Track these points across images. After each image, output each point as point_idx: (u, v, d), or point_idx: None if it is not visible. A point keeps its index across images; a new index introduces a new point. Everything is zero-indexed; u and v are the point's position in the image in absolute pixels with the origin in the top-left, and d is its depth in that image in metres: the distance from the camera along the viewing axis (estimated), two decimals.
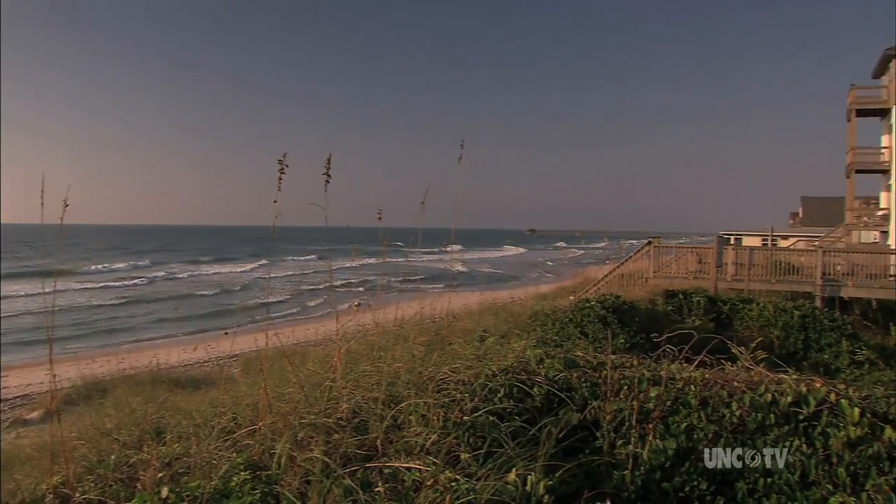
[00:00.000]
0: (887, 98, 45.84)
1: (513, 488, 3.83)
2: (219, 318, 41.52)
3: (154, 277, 79.76)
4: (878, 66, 48.31)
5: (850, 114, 47.73)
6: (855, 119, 47.63)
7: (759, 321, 18.59)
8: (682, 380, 5.45)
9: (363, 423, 4.62)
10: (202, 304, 51.58)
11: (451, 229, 6.06)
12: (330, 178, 4.86)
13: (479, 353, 6.06)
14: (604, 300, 14.80)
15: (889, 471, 4.66)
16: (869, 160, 47.54)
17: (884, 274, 28.68)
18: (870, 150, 48.25)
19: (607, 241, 75.92)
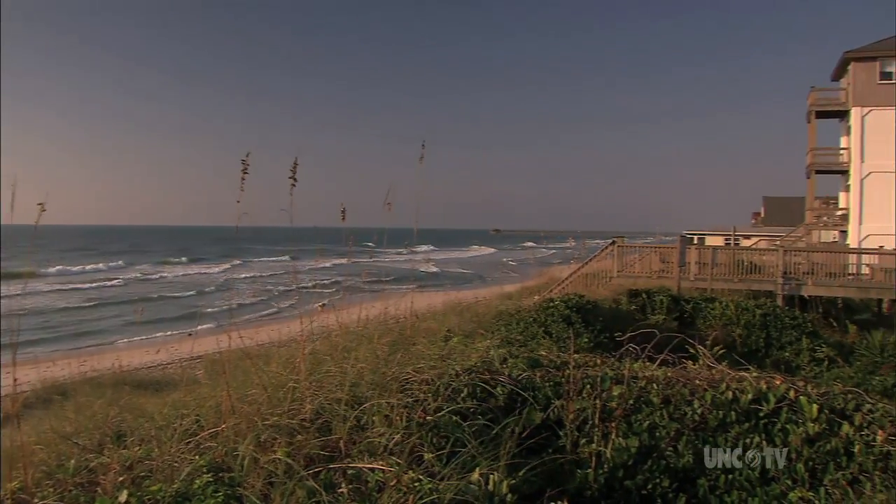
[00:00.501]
0: (846, 100, 46.64)
1: (476, 488, 3.84)
2: (188, 319, 41.12)
3: (129, 279, 79.05)
4: (837, 68, 49.17)
5: (809, 115, 48.53)
6: (815, 121, 48.50)
7: (722, 320, 18.81)
8: (645, 378, 5.50)
9: (327, 424, 4.60)
10: (174, 306, 51.02)
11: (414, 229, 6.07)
12: (296, 181, 4.85)
13: (443, 353, 6.06)
14: (568, 300, 14.86)
15: (846, 466, 4.75)
16: (828, 161, 48.33)
17: (843, 273, 29.15)
18: (829, 151, 49.05)
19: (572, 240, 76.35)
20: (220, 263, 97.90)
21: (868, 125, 45.32)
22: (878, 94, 45.22)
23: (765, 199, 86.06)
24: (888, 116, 44.73)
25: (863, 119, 45.32)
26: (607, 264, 28.01)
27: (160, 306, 52.50)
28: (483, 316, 14.53)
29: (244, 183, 4.77)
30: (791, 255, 29.40)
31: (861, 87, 45.58)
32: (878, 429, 4.88)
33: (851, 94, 45.88)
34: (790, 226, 57.73)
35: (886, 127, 44.68)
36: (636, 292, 20.85)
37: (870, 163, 45.09)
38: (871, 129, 45.26)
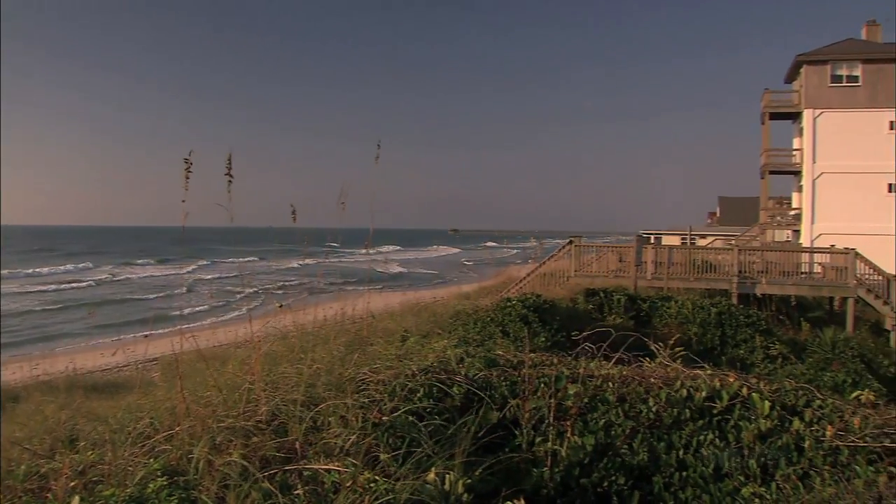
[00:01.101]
0: (798, 102, 47.47)
1: (431, 487, 3.84)
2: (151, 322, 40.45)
3: (101, 281, 78.08)
4: (790, 71, 50.03)
5: (764, 117, 49.31)
6: (768, 122, 49.32)
7: (678, 318, 18.98)
8: (601, 377, 5.55)
9: (283, 426, 4.57)
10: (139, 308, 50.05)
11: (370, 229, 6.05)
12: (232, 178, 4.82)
13: (400, 354, 6.06)
14: (525, 299, 14.89)
15: (797, 461, 4.82)
16: (782, 162, 49.14)
17: (796, 271, 29.61)
18: (783, 152, 49.88)
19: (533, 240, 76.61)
20: (186, 264, 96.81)
21: (820, 127, 46.15)
22: (829, 97, 46.09)
23: (720, 199, 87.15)
24: (839, 118, 45.63)
25: (815, 121, 46.14)
26: (565, 264, 28.14)
27: (125, 308, 51.74)
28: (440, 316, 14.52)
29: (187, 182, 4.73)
30: (746, 254, 29.83)
31: (813, 89, 46.40)
32: (828, 424, 4.97)
33: (804, 97, 46.70)
34: (745, 225, 58.51)
35: (837, 128, 45.58)
36: (593, 291, 20.96)
37: (821, 163, 45.91)
38: (822, 131, 46.11)
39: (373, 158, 6.06)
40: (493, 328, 13.24)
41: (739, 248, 30.13)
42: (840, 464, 4.72)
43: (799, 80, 48.25)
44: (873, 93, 45.61)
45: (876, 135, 45.52)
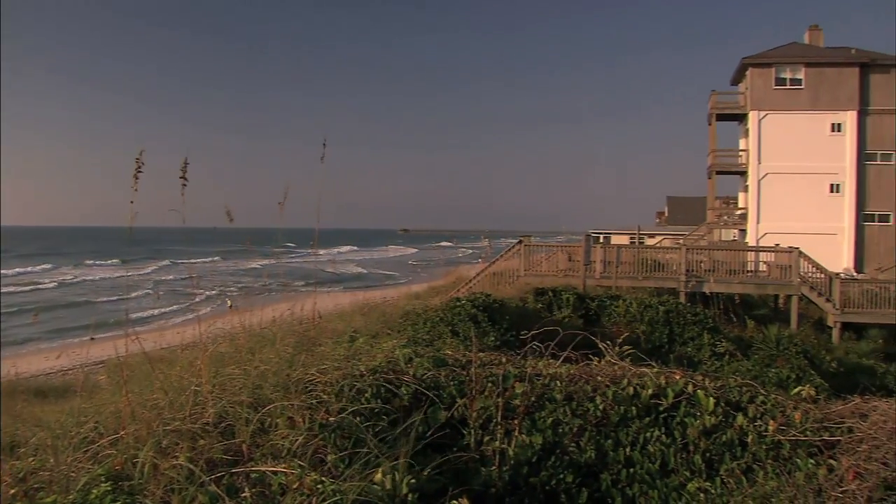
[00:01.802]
0: (744, 104, 48.42)
1: (378, 488, 3.83)
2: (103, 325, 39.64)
3: (63, 282, 76.74)
4: (736, 73, 50.99)
5: (710, 118, 50.17)
6: (715, 123, 50.17)
7: (626, 317, 19.15)
8: (548, 376, 5.58)
9: (230, 428, 4.53)
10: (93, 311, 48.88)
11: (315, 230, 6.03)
12: (186, 181, 4.77)
13: (349, 354, 6.04)
14: (474, 299, 14.91)
15: (741, 456, 4.90)
16: (728, 162, 50.04)
17: (742, 270, 30.10)
18: (729, 153, 50.82)
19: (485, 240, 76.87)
20: (146, 265, 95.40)
21: (765, 128, 47.08)
22: (773, 99, 47.05)
23: (668, 198, 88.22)
24: (783, 120, 46.56)
25: (760, 122, 47.07)
26: (514, 263, 28.27)
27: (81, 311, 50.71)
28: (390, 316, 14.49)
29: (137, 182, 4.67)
30: (693, 253, 30.28)
31: (758, 91, 47.34)
32: (770, 419, 5.05)
33: (749, 99, 47.65)
34: (693, 225, 59.34)
35: (782, 130, 46.51)
36: (542, 291, 21.06)
37: (766, 164, 46.81)
38: (767, 132, 47.05)
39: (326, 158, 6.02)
40: (443, 328, 13.24)
41: (687, 247, 30.58)
42: (782, 457, 4.80)
43: (744, 83, 49.24)
44: (816, 95, 46.65)
45: (819, 136, 46.58)
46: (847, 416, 5.04)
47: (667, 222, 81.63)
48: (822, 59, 47.53)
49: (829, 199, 46.74)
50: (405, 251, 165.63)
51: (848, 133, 46.48)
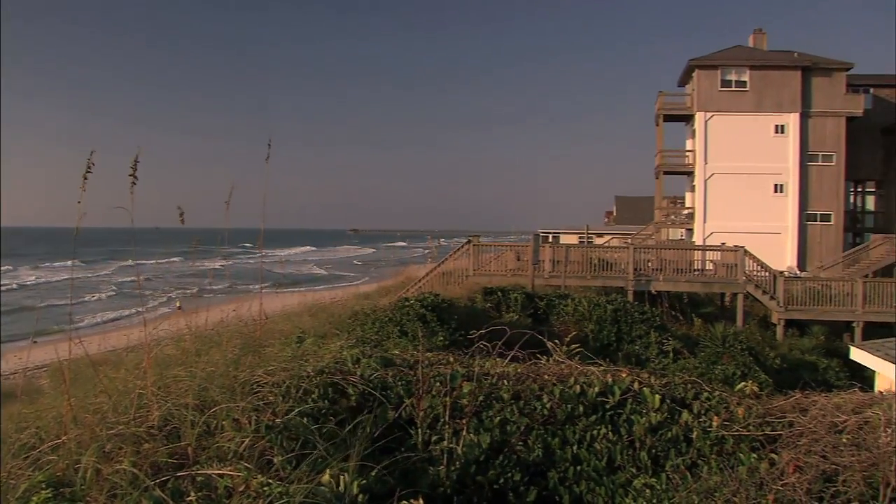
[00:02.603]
0: (691, 105, 49.09)
1: (326, 490, 3.81)
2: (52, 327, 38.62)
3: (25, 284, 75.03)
4: (683, 75, 51.68)
5: (658, 118, 50.78)
6: (662, 124, 50.78)
7: (575, 316, 19.23)
8: (496, 375, 5.60)
9: (175, 431, 4.47)
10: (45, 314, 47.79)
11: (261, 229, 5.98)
12: (136, 180, 4.70)
13: (296, 355, 6.00)
14: (423, 299, 14.87)
15: (686, 451, 4.97)
16: (675, 162, 50.69)
17: (689, 269, 30.49)
18: (676, 153, 51.48)
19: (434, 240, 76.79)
20: (108, 265, 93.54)
21: (711, 129, 47.78)
22: (719, 100, 47.78)
23: (617, 198, 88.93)
24: (729, 121, 47.33)
25: (706, 123, 47.74)
26: (463, 263, 28.29)
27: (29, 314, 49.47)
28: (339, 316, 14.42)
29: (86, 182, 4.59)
30: (641, 252, 30.59)
31: (704, 93, 48.02)
32: (714, 415, 5.13)
33: (696, 100, 48.30)
34: (641, 224, 59.91)
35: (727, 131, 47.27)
36: (491, 290, 21.07)
37: (713, 164, 47.49)
38: (713, 133, 47.75)
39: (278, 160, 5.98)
40: (391, 328, 13.21)
41: (635, 246, 30.90)
42: (726, 452, 4.89)
43: (691, 84, 49.90)
44: (760, 97, 47.48)
45: (763, 137, 47.41)
46: (788, 410, 5.14)
47: (615, 222, 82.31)
48: (766, 62, 48.36)
49: (773, 199, 47.57)
50: (361, 251, 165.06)
51: (791, 134, 47.36)
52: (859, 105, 47.85)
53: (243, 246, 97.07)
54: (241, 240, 13.64)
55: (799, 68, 47.57)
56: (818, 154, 47.73)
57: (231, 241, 6.54)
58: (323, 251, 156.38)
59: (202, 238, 6.00)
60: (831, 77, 47.73)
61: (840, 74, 47.96)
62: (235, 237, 6.58)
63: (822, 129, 47.53)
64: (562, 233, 59.51)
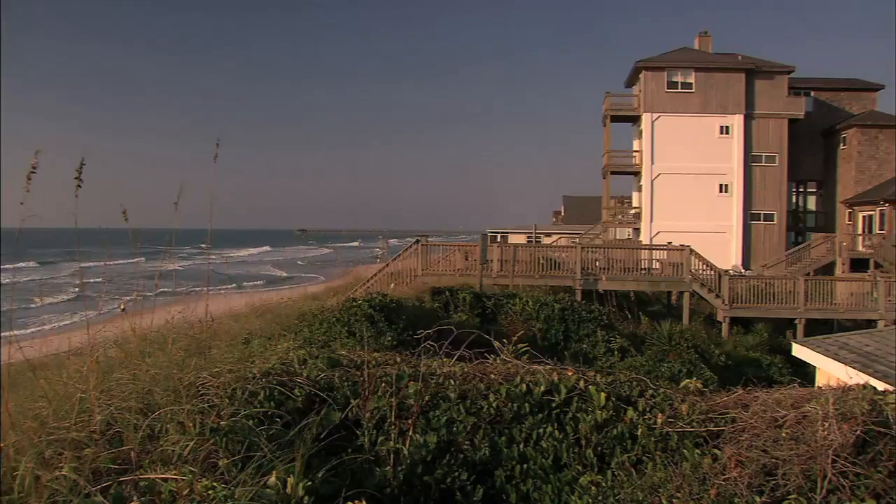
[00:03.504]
0: (638, 106, 49.70)
1: (272, 492, 3.78)
2: None
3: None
4: (630, 76, 52.32)
5: (605, 119, 51.33)
6: (610, 124, 51.32)
7: (523, 315, 19.31)
8: (443, 375, 5.60)
9: (118, 435, 4.39)
10: None
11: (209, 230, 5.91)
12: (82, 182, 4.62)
13: (243, 357, 5.95)
14: (371, 299, 14.81)
15: (631, 448, 5.02)
16: (622, 162, 51.29)
17: (636, 268, 30.85)
18: (623, 154, 52.10)
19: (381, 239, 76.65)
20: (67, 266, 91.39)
21: (657, 130, 48.43)
22: (665, 101, 48.46)
23: (565, 198, 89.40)
24: (675, 122, 48.01)
25: (652, 124, 48.38)
26: (412, 263, 28.25)
27: None
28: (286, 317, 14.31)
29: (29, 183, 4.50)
30: (589, 251, 30.85)
31: (651, 94, 48.65)
32: (659, 412, 5.18)
33: (642, 101, 48.93)
34: (589, 224, 60.46)
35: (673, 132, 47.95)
36: (439, 290, 21.05)
37: (659, 165, 48.13)
38: (659, 134, 48.41)
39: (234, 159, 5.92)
40: (339, 328, 13.15)
41: (583, 246, 31.14)
42: (670, 449, 4.94)
43: (638, 85, 50.52)
44: (706, 99, 48.26)
45: (708, 138, 48.19)
46: (731, 406, 5.21)
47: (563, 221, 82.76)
48: (712, 64, 49.14)
49: (718, 199, 48.36)
50: (318, 251, 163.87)
51: (735, 135, 48.19)
52: (801, 107, 48.95)
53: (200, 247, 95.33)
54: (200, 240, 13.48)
55: (743, 71, 48.47)
56: (762, 155, 48.68)
57: (191, 242, 6.46)
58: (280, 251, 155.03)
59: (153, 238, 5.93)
60: (774, 80, 48.74)
61: (782, 77, 49.00)
62: (194, 237, 6.50)
63: (765, 130, 48.51)
64: (510, 232, 59.71)
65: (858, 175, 48.97)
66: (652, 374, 14.29)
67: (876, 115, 50.58)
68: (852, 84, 53.78)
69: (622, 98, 51.86)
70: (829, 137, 51.75)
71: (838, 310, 30.26)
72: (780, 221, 49.31)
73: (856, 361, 12.97)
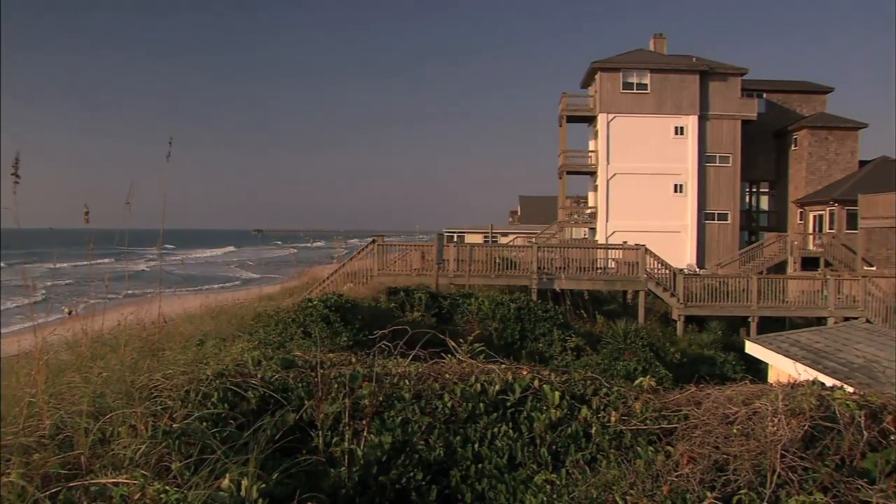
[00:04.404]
0: (593, 107, 50.17)
1: (225, 495, 3.75)
2: None
3: None
4: (586, 77, 52.75)
5: (561, 119, 51.69)
6: (566, 124, 51.66)
7: (479, 315, 19.31)
8: (397, 375, 5.60)
9: (68, 440, 4.33)
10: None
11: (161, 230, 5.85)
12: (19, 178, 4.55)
13: (197, 358, 5.89)
14: (327, 299, 14.73)
15: (585, 447, 5.06)
16: (578, 162, 51.70)
17: (592, 267, 31.07)
18: (579, 154, 52.52)
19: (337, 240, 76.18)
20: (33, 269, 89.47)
21: (613, 130, 48.91)
22: (621, 102, 48.95)
23: (521, 198, 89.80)
24: (630, 122, 48.51)
25: (608, 124, 48.85)
26: (368, 263, 28.21)
27: None
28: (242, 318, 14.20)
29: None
30: (545, 251, 31.02)
31: (606, 95, 49.10)
32: (613, 410, 5.23)
33: (598, 101, 49.39)
34: (545, 223, 60.82)
35: (629, 132, 48.45)
36: (395, 290, 20.98)
37: (614, 165, 48.60)
38: (615, 134, 48.91)
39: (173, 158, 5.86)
40: (295, 329, 13.09)
41: (539, 245, 31.31)
42: (624, 446, 4.98)
43: (594, 86, 50.96)
44: (660, 100, 48.83)
45: (663, 139, 48.78)
46: (684, 404, 5.28)
47: (520, 221, 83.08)
48: (667, 66, 49.74)
49: (673, 199, 48.96)
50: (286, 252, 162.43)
51: (690, 136, 48.85)
52: (753, 109, 49.80)
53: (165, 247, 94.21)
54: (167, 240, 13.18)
55: (697, 72, 49.14)
56: (716, 155, 49.42)
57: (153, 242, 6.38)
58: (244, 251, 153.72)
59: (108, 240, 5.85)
60: (727, 82, 49.51)
61: (735, 79, 49.78)
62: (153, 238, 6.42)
63: (719, 131, 49.25)
64: (467, 232, 59.87)
65: (809, 175, 49.90)
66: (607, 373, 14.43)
67: (826, 118, 51.65)
68: (803, 87, 54.83)
69: (578, 99, 52.27)
70: (781, 138, 52.68)
71: (790, 308, 30.78)
72: (733, 221, 50.06)
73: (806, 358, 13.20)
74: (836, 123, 50.67)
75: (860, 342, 13.80)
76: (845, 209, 44.00)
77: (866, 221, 37.30)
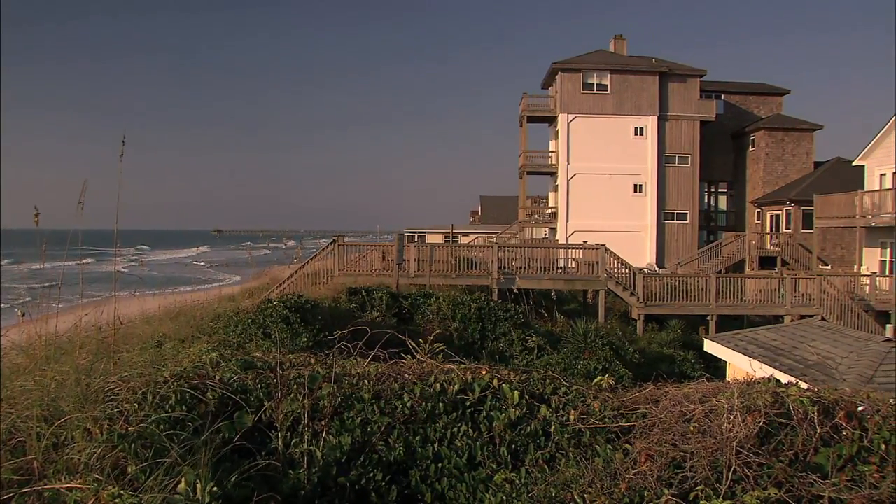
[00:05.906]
0: (554, 107, 50.42)
1: (181, 498, 3.71)
2: None
3: None
4: (547, 78, 52.97)
5: (522, 120, 51.90)
6: (526, 125, 51.93)
7: (439, 315, 19.26)
8: (357, 375, 5.58)
9: (21, 445, 4.26)
10: None
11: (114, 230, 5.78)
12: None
13: (154, 360, 5.83)
14: (286, 300, 14.64)
15: (544, 445, 5.07)
16: (539, 163, 51.92)
17: (552, 267, 31.22)
18: (540, 154, 52.75)
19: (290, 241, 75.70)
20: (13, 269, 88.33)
21: (573, 130, 49.19)
22: (581, 103, 49.25)
23: (482, 198, 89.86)
24: (590, 123, 48.85)
25: (568, 125, 49.11)
26: (329, 263, 28.09)
27: None
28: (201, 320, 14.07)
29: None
30: (505, 251, 31.08)
31: (567, 95, 49.36)
32: (572, 409, 5.25)
33: (559, 102, 49.64)
34: (505, 223, 61.00)
35: (589, 132, 48.78)
36: (356, 290, 20.88)
37: (575, 165, 48.87)
38: (575, 134, 49.19)
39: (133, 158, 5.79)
40: (254, 330, 13.00)
41: (499, 245, 31.36)
42: (583, 445, 5.00)
43: (555, 87, 51.23)
44: (620, 101, 49.22)
45: (623, 139, 49.17)
46: (642, 402, 5.32)
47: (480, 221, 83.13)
48: (626, 67, 50.16)
49: (633, 199, 49.37)
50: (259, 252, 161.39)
51: (649, 137, 49.30)
52: (712, 110, 50.42)
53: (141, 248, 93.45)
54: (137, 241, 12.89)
55: (656, 73, 49.61)
56: (675, 156, 49.93)
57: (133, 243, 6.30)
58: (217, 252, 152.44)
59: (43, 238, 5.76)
60: (686, 83, 50.04)
61: (694, 80, 50.32)
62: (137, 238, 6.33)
63: (678, 132, 49.76)
64: (427, 232, 59.85)
65: (766, 176, 50.61)
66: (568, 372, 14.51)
67: (782, 119, 52.44)
68: (760, 88, 55.64)
69: (539, 99, 52.52)
70: (739, 139, 53.39)
71: (748, 306, 31.13)
72: (692, 220, 50.59)
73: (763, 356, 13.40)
74: (792, 125, 51.46)
75: (815, 339, 14.04)
76: (801, 209, 44.64)
77: (821, 221, 37.84)
